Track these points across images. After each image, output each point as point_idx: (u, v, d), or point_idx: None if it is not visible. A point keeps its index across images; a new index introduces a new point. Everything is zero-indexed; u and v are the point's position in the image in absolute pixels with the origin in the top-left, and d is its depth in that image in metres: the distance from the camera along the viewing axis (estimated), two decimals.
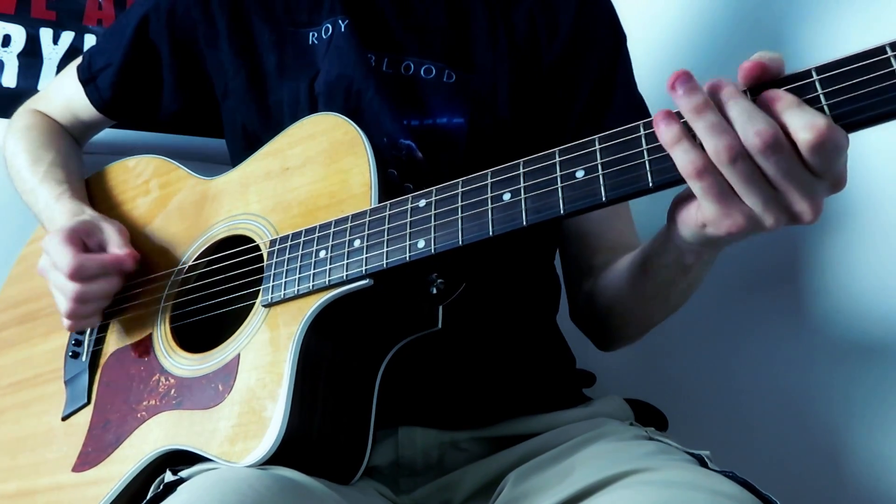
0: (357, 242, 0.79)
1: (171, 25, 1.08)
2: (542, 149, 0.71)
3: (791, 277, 1.12)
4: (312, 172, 0.87)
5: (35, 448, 0.97)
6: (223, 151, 1.11)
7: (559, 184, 0.69)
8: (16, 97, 1.32)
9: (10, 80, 1.38)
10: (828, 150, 0.57)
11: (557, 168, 0.69)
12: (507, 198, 0.71)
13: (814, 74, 0.58)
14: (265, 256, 0.86)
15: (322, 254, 0.81)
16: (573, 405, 0.94)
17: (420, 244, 0.75)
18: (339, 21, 1.01)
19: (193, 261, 0.96)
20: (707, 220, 0.65)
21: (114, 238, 0.97)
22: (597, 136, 0.67)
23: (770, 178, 0.60)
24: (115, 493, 0.85)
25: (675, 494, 0.65)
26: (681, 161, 0.62)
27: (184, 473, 0.76)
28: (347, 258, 0.79)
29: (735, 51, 1.20)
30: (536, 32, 1.03)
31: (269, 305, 0.83)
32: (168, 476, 0.76)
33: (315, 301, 0.79)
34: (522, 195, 0.70)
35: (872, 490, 1.00)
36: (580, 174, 0.68)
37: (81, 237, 0.95)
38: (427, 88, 0.99)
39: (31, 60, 1.39)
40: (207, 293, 0.92)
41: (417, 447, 0.88)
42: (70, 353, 1.01)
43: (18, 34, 1.39)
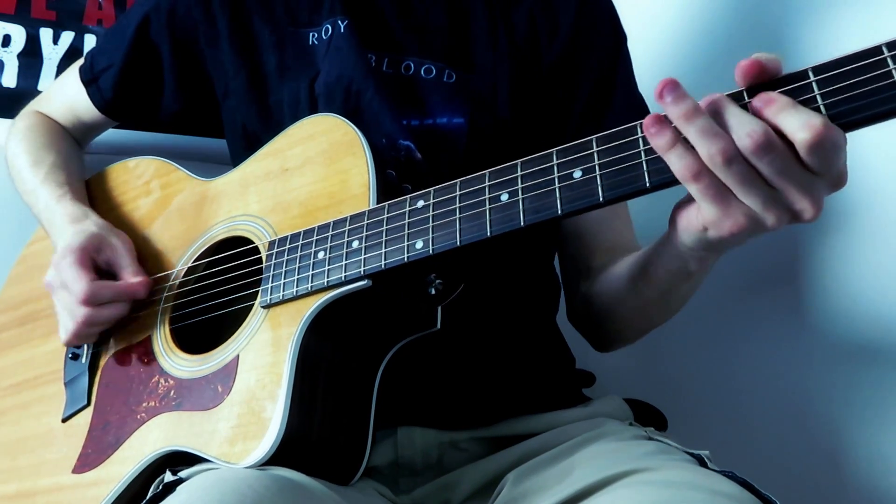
0: (355, 243, 0.79)
1: (172, 25, 1.08)
2: (542, 149, 0.71)
3: (791, 277, 1.12)
4: (312, 173, 0.87)
5: (35, 449, 0.97)
6: (223, 151, 1.12)
7: (557, 184, 0.69)
8: (16, 97, 1.32)
9: (10, 80, 1.38)
10: (826, 149, 0.57)
11: (555, 169, 0.69)
12: (505, 198, 0.71)
13: (811, 75, 0.58)
14: (264, 258, 0.86)
15: (321, 255, 0.81)
16: (573, 405, 0.94)
17: (418, 245, 0.75)
18: (339, 21, 1.01)
19: (193, 262, 0.96)
20: (708, 223, 0.65)
21: (124, 260, 0.97)
22: (594, 137, 0.68)
23: (767, 178, 0.60)
24: (115, 494, 0.85)
25: (675, 494, 0.65)
26: (676, 166, 0.62)
27: (183, 474, 0.76)
28: (346, 259, 0.79)
29: (735, 51, 1.20)
30: (537, 32, 1.03)
31: (269, 306, 0.83)
32: (168, 476, 0.76)
33: (314, 302, 0.79)
34: (520, 196, 0.70)
35: (872, 490, 1.00)
36: (578, 174, 0.68)
37: (92, 255, 0.95)
38: (427, 88, 0.99)
39: (31, 60, 1.39)
40: (206, 294, 0.92)
41: (417, 447, 0.88)
42: (70, 355, 1.01)
43: (18, 34, 1.39)
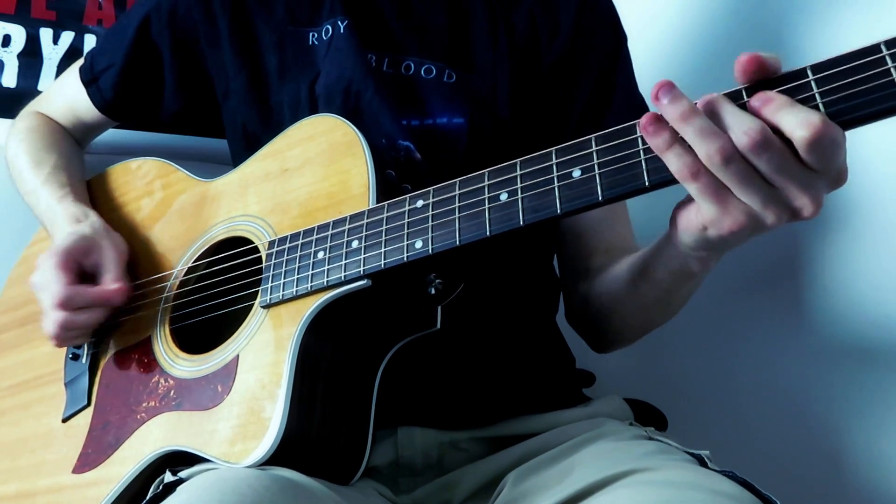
0: (355, 243, 0.79)
1: (173, 26, 1.08)
2: (542, 149, 0.71)
3: (791, 277, 1.12)
4: (311, 174, 0.87)
5: (35, 450, 0.97)
6: (223, 151, 1.12)
7: (556, 183, 0.69)
8: (16, 97, 1.32)
9: (10, 80, 1.38)
10: (825, 147, 0.57)
11: (554, 168, 0.69)
12: (505, 198, 0.71)
13: (809, 73, 0.58)
14: (264, 258, 0.86)
15: (320, 254, 0.81)
16: (573, 405, 0.94)
17: (418, 244, 0.75)
18: (339, 22, 1.01)
19: (193, 262, 0.96)
20: (707, 222, 0.65)
21: (110, 266, 0.96)
22: (593, 136, 0.67)
23: (765, 177, 0.60)
24: (115, 494, 0.85)
25: (675, 494, 0.65)
26: (674, 165, 0.62)
27: (183, 474, 0.76)
28: (345, 259, 0.79)
29: (735, 51, 1.18)
30: (537, 32, 1.03)
31: (268, 306, 0.83)
32: (168, 477, 0.76)
33: (313, 302, 0.79)
34: (519, 195, 0.70)
35: (872, 490, 1.00)
36: (577, 174, 0.67)
37: (78, 258, 0.95)
38: (427, 88, 0.99)
39: (31, 60, 1.39)
40: (206, 294, 0.92)
41: (417, 447, 0.88)
42: (70, 355, 1.01)
43: (18, 34, 1.39)
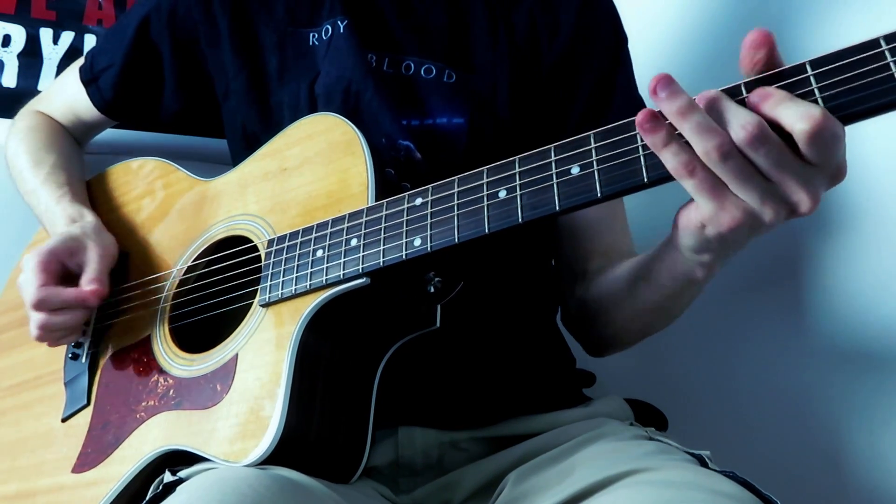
0: (354, 241, 0.79)
1: (173, 26, 1.08)
2: None
3: (791, 277, 1.12)
4: (310, 173, 0.87)
5: (35, 449, 0.97)
6: (223, 151, 1.12)
7: (555, 180, 0.68)
8: (16, 97, 1.32)
9: (10, 80, 1.38)
10: (825, 140, 0.57)
11: (553, 165, 0.69)
12: (503, 195, 0.71)
13: (808, 68, 0.58)
14: (263, 256, 0.86)
15: (319, 253, 0.81)
16: (573, 405, 0.94)
17: (416, 242, 0.75)
18: (339, 22, 1.01)
19: (192, 261, 0.96)
20: (705, 219, 0.65)
21: (91, 266, 0.96)
22: (592, 133, 0.67)
23: (763, 171, 0.60)
24: (115, 494, 0.85)
25: (675, 494, 0.65)
26: (670, 163, 0.62)
27: (183, 474, 0.76)
28: (344, 257, 0.79)
29: (735, 51, 1.19)
30: (537, 32, 1.02)
31: (267, 305, 0.83)
32: (167, 476, 0.76)
33: (312, 300, 0.79)
34: (518, 192, 0.70)
35: (872, 490, 1.00)
36: (576, 170, 0.67)
37: (62, 259, 0.95)
38: (427, 88, 0.99)
39: (31, 60, 1.40)
40: (206, 293, 0.92)
41: (417, 447, 0.88)
42: (70, 355, 1.01)
43: (18, 34, 1.39)
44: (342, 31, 1.00)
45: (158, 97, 1.12)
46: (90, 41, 1.42)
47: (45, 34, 1.41)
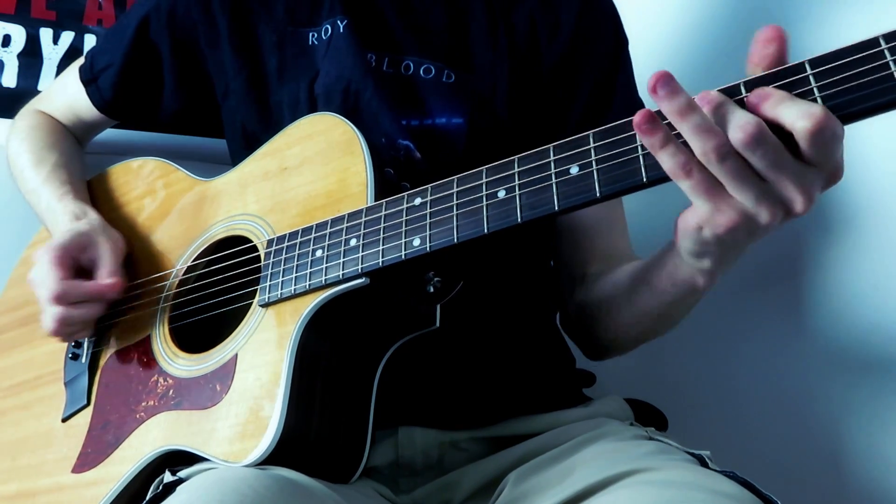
0: (353, 241, 0.79)
1: (172, 26, 1.08)
2: None
3: (791, 277, 1.12)
4: (310, 172, 0.87)
5: (35, 449, 0.97)
6: (223, 151, 1.12)
7: (554, 179, 0.68)
8: (16, 97, 1.32)
9: (10, 80, 1.38)
10: (826, 138, 0.57)
11: (552, 164, 0.69)
12: (502, 194, 0.71)
13: (807, 68, 0.58)
14: (262, 256, 0.86)
15: (318, 253, 0.81)
16: (573, 405, 0.94)
17: (416, 242, 0.75)
18: (339, 21, 1.01)
19: (192, 261, 0.96)
20: (702, 220, 0.64)
21: (106, 260, 0.96)
22: (591, 132, 0.67)
23: (759, 172, 0.60)
24: (115, 494, 0.85)
25: (676, 494, 0.65)
26: (667, 163, 0.61)
27: (182, 474, 0.76)
28: (343, 257, 0.79)
29: (735, 51, 1.19)
30: (537, 33, 1.02)
31: (267, 305, 0.83)
32: (167, 476, 0.76)
33: (312, 300, 0.79)
34: (517, 191, 0.70)
35: (872, 490, 1.00)
36: (575, 170, 0.67)
37: (74, 254, 0.95)
38: (426, 88, 0.99)
39: (31, 60, 1.39)
40: (205, 293, 0.92)
41: (417, 447, 0.88)
42: (70, 355, 1.01)
43: (18, 34, 1.39)
44: (342, 31, 1.00)
45: (158, 97, 1.12)
46: (90, 41, 1.42)
47: (45, 34, 1.41)
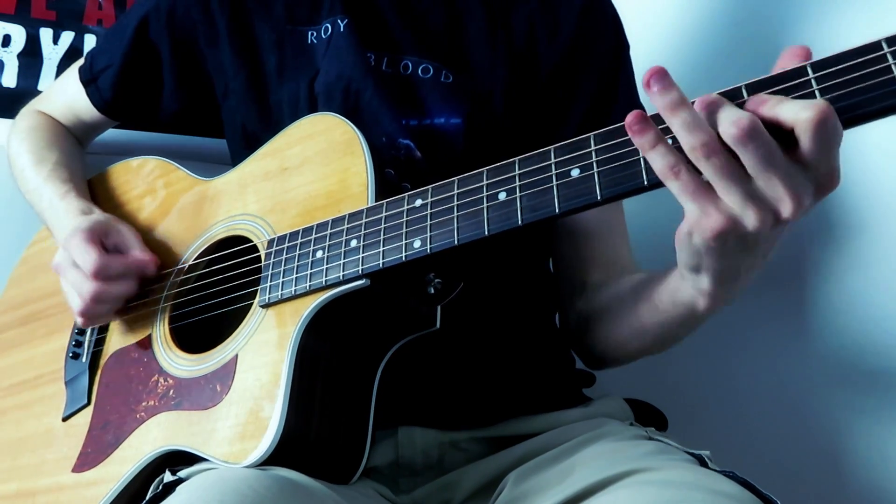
0: (354, 242, 0.79)
1: (171, 26, 1.08)
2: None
3: (792, 278, 1.12)
4: (310, 172, 0.87)
5: (35, 449, 0.98)
6: (223, 151, 1.12)
7: (554, 182, 0.68)
8: (16, 97, 1.33)
9: (10, 80, 1.38)
10: (828, 132, 0.56)
11: (553, 167, 0.69)
12: (503, 196, 0.71)
13: (809, 71, 0.58)
14: (262, 257, 0.86)
15: (319, 254, 0.81)
16: (573, 405, 0.94)
17: (416, 244, 0.75)
18: (339, 21, 1.01)
19: (193, 261, 0.96)
20: (691, 225, 0.64)
21: (133, 242, 0.98)
22: (592, 134, 0.67)
23: (749, 169, 0.59)
24: (115, 494, 0.85)
25: (676, 494, 0.65)
26: (657, 164, 0.61)
27: (182, 474, 0.76)
28: (344, 258, 0.79)
29: (735, 51, 1.19)
30: (536, 35, 1.02)
31: (267, 306, 0.83)
32: (167, 476, 0.76)
33: (312, 301, 0.79)
34: (518, 194, 0.70)
35: (872, 490, 1.00)
36: (575, 172, 0.67)
37: (100, 237, 0.96)
38: (424, 88, 0.98)
39: (31, 60, 1.39)
40: (206, 294, 0.92)
41: (417, 447, 0.88)
42: (70, 354, 1.01)
43: (18, 34, 1.39)
44: (342, 30, 1.00)
45: (158, 97, 1.12)
46: (90, 41, 1.42)
47: (45, 34, 1.41)
